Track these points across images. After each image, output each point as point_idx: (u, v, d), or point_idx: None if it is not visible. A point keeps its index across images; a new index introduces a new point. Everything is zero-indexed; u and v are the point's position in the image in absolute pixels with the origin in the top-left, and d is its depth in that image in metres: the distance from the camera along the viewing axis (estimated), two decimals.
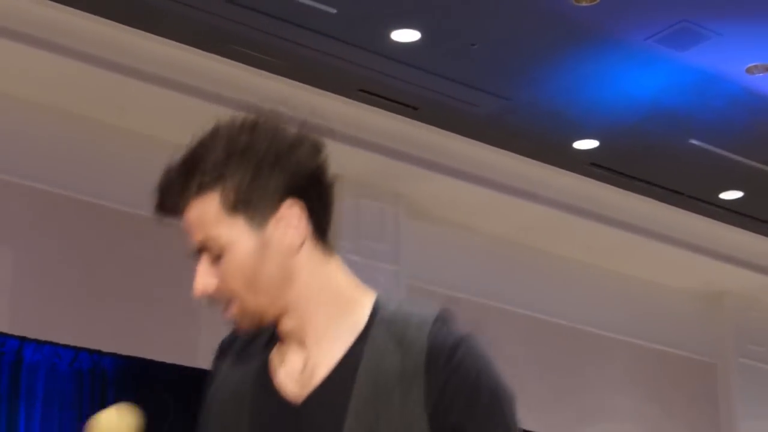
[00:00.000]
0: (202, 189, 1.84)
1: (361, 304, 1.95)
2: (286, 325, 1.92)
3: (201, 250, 1.89)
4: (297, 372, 1.92)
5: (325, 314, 1.92)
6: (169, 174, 1.87)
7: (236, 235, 1.86)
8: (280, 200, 1.86)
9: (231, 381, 1.99)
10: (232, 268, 1.86)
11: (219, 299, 1.91)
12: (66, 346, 6.11)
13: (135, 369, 6.36)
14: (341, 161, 2.00)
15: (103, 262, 6.72)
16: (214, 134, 1.86)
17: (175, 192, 1.86)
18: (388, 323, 1.92)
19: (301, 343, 1.92)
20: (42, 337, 6.04)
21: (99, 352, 6.22)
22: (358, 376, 1.87)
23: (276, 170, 1.85)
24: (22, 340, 5.95)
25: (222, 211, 1.85)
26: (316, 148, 1.90)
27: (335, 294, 1.94)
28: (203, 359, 6.67)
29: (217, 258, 1.87)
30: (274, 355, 1.95)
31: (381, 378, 1.86)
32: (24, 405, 5.86)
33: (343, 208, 7.60)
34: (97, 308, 6.56)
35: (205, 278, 1.90)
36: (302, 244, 1.89)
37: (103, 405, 5.91)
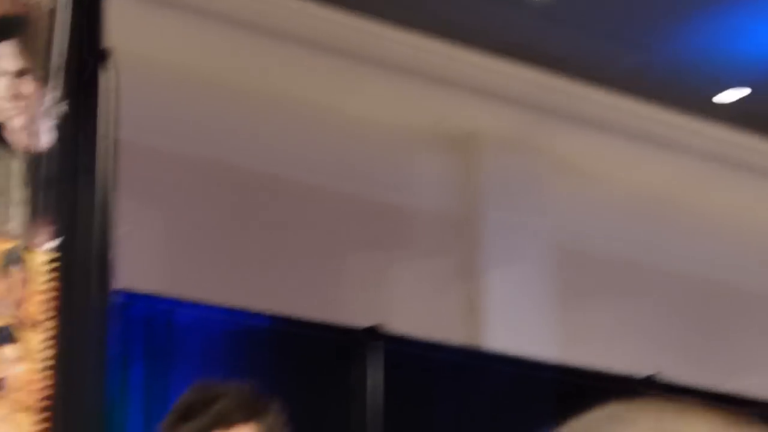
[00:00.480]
0: (255, 415, 2.39)
1: None
2: None
3: None
4: None
5: None
6: (232, 392, 2.39)
7: None
8: None
9: None
10: None
11: None
12: (218, 306, 6.24)
13: (284, 328, 6.47)
14: (485, 118, 2.10)
15: (254, 223, 6.85)
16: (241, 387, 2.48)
17: (226, 412, 2.34)
18: None
19: None
20: (194, 298, 6.18)
21: (250, 312, 6.34)
22: None
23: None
24: (175, 301, 6.09)
25: None
26: None
27: None
28: (351, 317, 6.78)
29: None
30: None
31: None
32: (178, 366, 6.00)
33: (487, 165, 7.61)
34: (248, 269, 6.70)
35: None
36: None
37: (257, 364, 6.06)
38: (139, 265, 5.29)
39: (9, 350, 3.63)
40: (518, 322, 7.60)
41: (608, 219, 8.34)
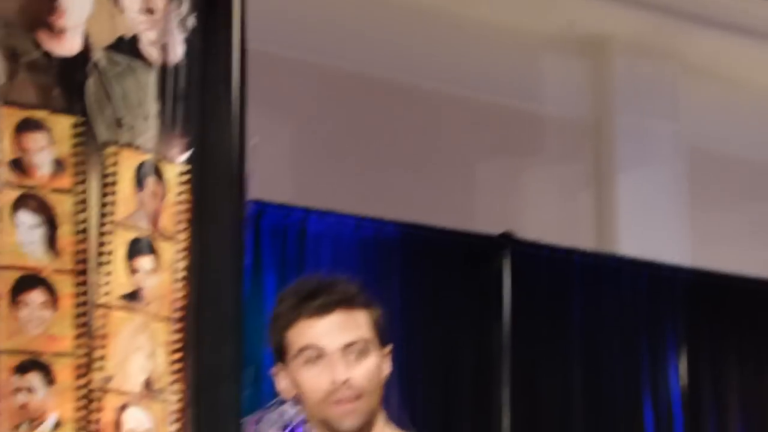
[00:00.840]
0: (363, 303, 2.37)
1: None
2: None
3: (349, 346, 2.33)
4: None
5: None
6: (343, 282, 2.39)
7: (373, 348, 2.35)
8: (386, 342, 2.39)
9: None
10: (371, 369, 2.34)
11: (348, 391, 2.31)
12: (349, 215, 6.28)
13: (417, 235, 6.49)
14: (616, 21, 2.10)
15: (382, 132, 6.86)
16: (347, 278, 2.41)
17: (349, 294, 2.36)
18: None
19: None
20: (325, 207, 6.23)
21: (381, 220, 6.37)
22: None
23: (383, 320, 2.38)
24: (307, 210, 6.14)
25: (371, 325, 2.36)
26: None
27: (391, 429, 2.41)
28: (483, 224, 6.78)
29: (358, 357, 2.33)
30: None
31: None
32: (310, 273, 6.06)
33: (619, 69, 7.50)
34: (378, 177, 6.72)
35: (347, 369, 2.31)
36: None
37: (388, 272, 6.11)
38: (271, 176, 5.34)
39: (146, 261, 3.70)
40: (650, 227, 7.54)
41: (740, 121, 8.18)
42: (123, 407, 3.61)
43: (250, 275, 4.94)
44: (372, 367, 2.34)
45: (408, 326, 6.29)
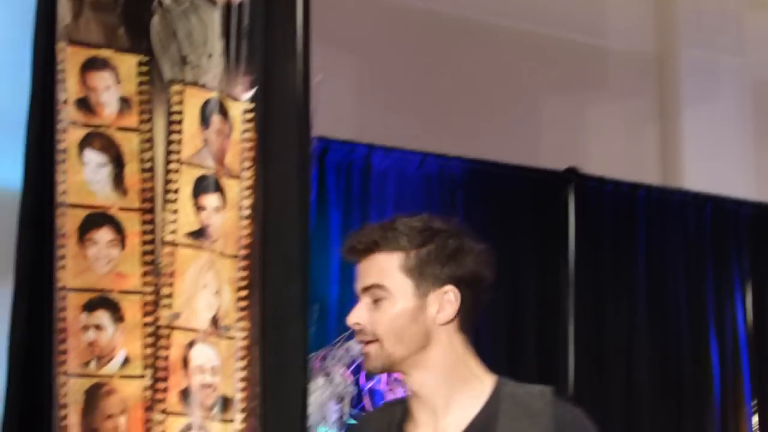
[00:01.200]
0: (390, 248, 2.35)
1: (484, 382, 2.39)
2: (416, 383, 2.37)
3: (367, 290, 2.37)
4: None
5: (453, 385, 2.36)
6: (374, 227, 2.41)
7: (403, 290, 2.33)
8: (443, 284, 2.34)
9: None
10: (388, 315, 2.33)
11: (364, 335, 2.38)
12: (413, 151, 6.27)
13: (481, 171, 6.47)
14: None
15: (447, 67, 6.82)
16: (420, 218, 2.41)
17: (374, 238, 2.37)
18: (513, 396, 2.34)
19: (432, 409, 2.35)
20: (389, 143, 6.21)
21: (446, 156, 6.36)
22: None
23: (451, 261, 2.35)
24: (371, 146, 6.13)
25: (400, 269, 2.34)
26: (483, 260, 2.41)
27: (465, 371, 2.39)
28: (547, 159, 6.75)
29: (376, 302, 2.34)
30: (408, 428, 2.40)
31: None
32: (375, 209, 6.07)
33: (684, 2, 7.39)
34: (442, 113, 6.69)
35: (361, 312, 2.38)
36: (447, 323, 2.36)
37: (453, 208, 6.11)
38: (336, 112, 5.33)
39: (212, 199, 3.72)
40: (714, 161, 7.46)
41: None
42: (190, 344, 3.64)
43: (314, 212, 4.95)
44: (392, 313, 2.35)
45: None
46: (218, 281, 3.69)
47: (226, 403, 3.65)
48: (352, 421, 5.23)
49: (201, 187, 3.70)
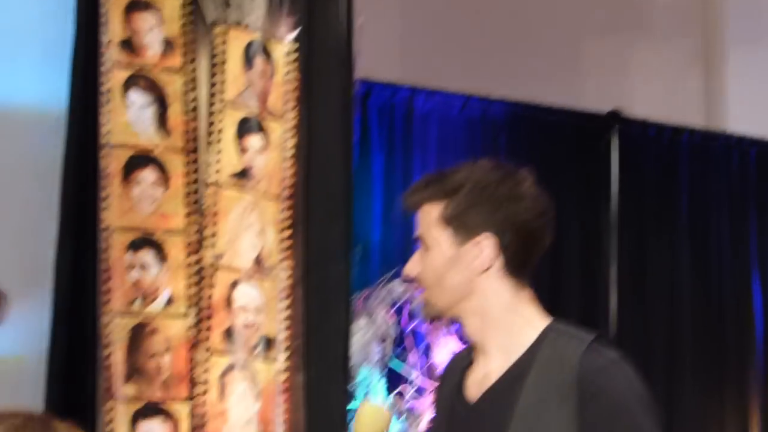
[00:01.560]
0: (434, 198, 2.37)
1: (535, 327, 2.38)
2: (469, 329, 2.39)
3: (416, 241, 2.40)
4: (478, 378, 2.39)
5: (502, 331, 2.37)
6: (426, 177, 2.44)
7: (441, 241, 2.35)
8: (483, 231, 2.33)
9: (443, 395, 2.51)
10: (430, 264, 2.36)
11: (416, 283, 2.41)
12: (456, 94, 6.24)
13: (524, 114, 6.44)
14: None
15: (490, 9, 6.77)
16: (468, 166, 2.42)
17: (419, 194, 2.40)
18: (554, 342, 2.35)
19: (485, 353, 2.38)
20: (432, 86, 6.19)
21: (488, 99, 6.33)
22: (525, 383, 2.31)
23: (493, 208, 2.34)
24: (413, 89, 6.11)
25: (440, 219, 2.36)
26: (535, 206, 2.40)
27: (514, 317, 2.38)
28: (590, 102, 6.71)
29: (424, 251, 2.37)
30: (468, 371, 2.43)
31: (543, 388, 2.29)
32: (417, 151, 6.06)
33: None
34: (485, 55, 6.65)
35: (413, 263, 2.39)
36: (488, 269, 2.36)
37: (495, 151, 6.07)
38: (379, 54, 5.30)
39: (255, 140, 3.73)
40: (759, 104, 7.39)
41: None
42: (234, 284, 3.66)
43: (357, 154, 4.95)
44: (434, 263, 2.37)
45: None
46: (261, 222, 3.71)
47: (269, 342, 3.68)
48: (396, 361, 5.27)
49: (244, 128, 3.71)
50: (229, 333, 3.63)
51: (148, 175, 3.60)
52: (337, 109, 3.88)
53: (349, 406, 3.92)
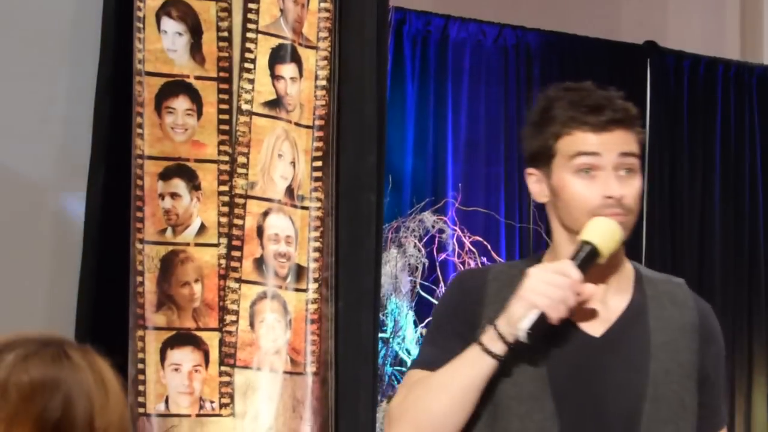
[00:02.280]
0: (637, 124, 2.32)
1: (630, 267, 2.39)
2: (616, 258, 2.31)
3: (622, 165, 2.28)
4: (591, 312, 2.28)
5: (621, 266, 2.36)
6: (617, 100, 2.32)
7: (639, 169, 2.31)
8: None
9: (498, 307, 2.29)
10: (636, 188, 2.29)
11: (620, 209, 2.27)
12: (490, 23, 6.20)
13: (558, 44, 6.40)
14: None
15: None
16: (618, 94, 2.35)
17: (631, 112, 2.31)
18: (651, 281, 2.36)
19: (604, 287, 2.31)
20: (467, 15, 6.15)
21: (523, 28, 6.28)
22: (650, 320, 2.30)
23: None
24: (447, 18, 6.07)
25: (639, 146, 2.31)
26: None
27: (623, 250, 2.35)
28: (626, 33, 6.65)
29: (628, 174, 2.28)
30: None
31: (667, 326, 2.31)
32: (451, 81, 6.03)
33: None
34: None
35: (621, 187, 2.27)
36: None
37: (529, 81, 6.04)
38: None
39: (288, 69, 3.70)
40: None
41: None
42: (266, 213, 3.66)
43: (390, 83, 4.93)
44: (639, 187, 2.30)
45: None
46: (293, 151, 3.69)
47: (299, 272, 3.68)
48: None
49: (278, 56, 3.69)
50: (259, 262, 3.63)
51: (181, 103, 3.59)
52: (371, 38, 3.84)
53: (378, 336, 3.94)
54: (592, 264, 2.22)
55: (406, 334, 5.17)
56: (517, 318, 2.18)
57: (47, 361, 1.42)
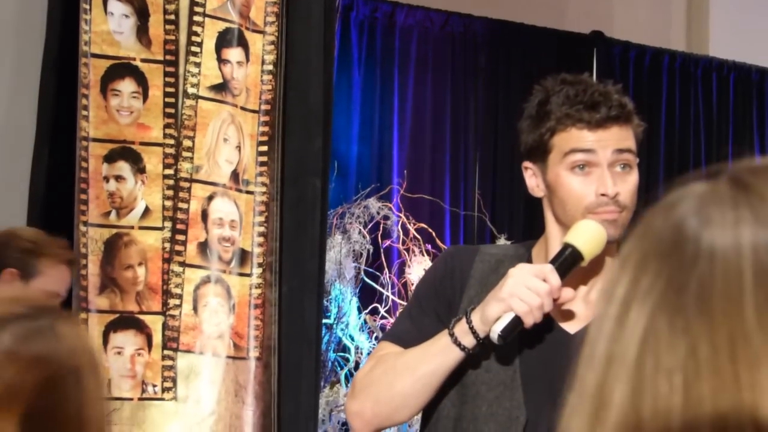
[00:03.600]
0: (633, 119, 2.30)
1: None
2: (608, 252, 2.26)
3: (618, 162, 2.27)
4: (568, 307, 2.28)
5: (609, 262, 2.30)
6: (617, 94, 2.29)
7: (635, 165, 2.30)
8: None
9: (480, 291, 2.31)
10: (632, 184, 2.28)
11: (615, 206, 2.26)
12: (437, 10, 6.21)
13: (505, 32, 6.42)
14: None
15: None
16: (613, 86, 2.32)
17: (626, 110, 2.29)
18: None
19: (587, 283, 2.31)
20: (414, 2, 6.15)
21: (470, 16, 6.30)
22: None
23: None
24: (395, 4, 6.08)
25: (635, 140, 2.30)
26: None
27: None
28: (572, 22, 6.68)
29: (627, 170, 2.28)
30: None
31: None
32: (397, 68, 6.03)
33: None
34: None
35: (616, 184, 2.26)
36: None
37: (475, 69, 6.03)
38: None
39: (235, 53, 3.70)
40: (741, 29, 7.38)
41: None
42: (210, 197, 3.65)
43: (337, 69, 4.92)
44: (635, 183, 2.28)
45: (493, 123, 6.29)
46: (239, 135, 3.69)
47: (243, 256, 3.68)
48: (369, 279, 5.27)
49: (224, 40, 3.68)
50: (204, 246, 3.63)
51: (127, 86, 3.57)
52: (318, 24, 3.84)
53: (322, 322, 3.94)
54: (574, 267, 2.23)
55: (349, 320, 5.18)
56: (492, 318, 2.19)
57: (40, 341, 1.32)
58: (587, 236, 2.22)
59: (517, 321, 2.17)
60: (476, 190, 6.06)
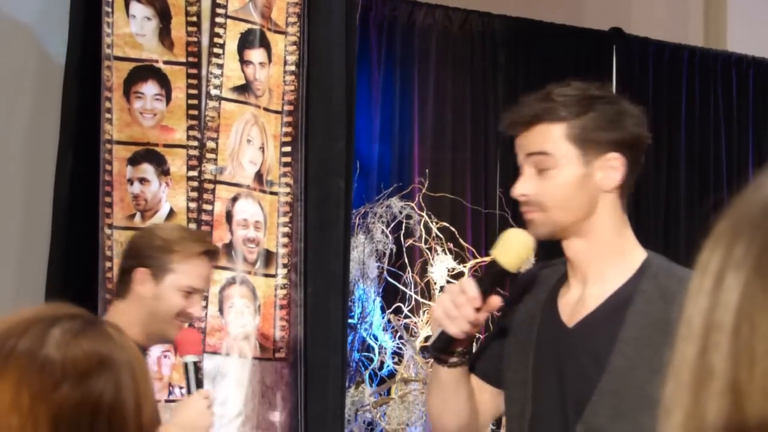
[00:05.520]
0: (553, 117, 2.29)
1: (634, 258, 2.37)
2: (572, 251, 2.34)
3: (531, 156, 2.31)
4: (571, 300, 2.35)
5: (607, 256, 2.35)
6: (532, 99, 2.31)
7: (568, 159, 2.29)
8: (608, 150, 2.30)
9: (527, 306, 2.42)
10: (554, 183, 2.29)
11: (529, 205, 2.31)
12: (456, 9, 6.20)
13: (524, 30, 6.41)
14: None
15: None
16: (576, 86, 2.33)
17: (534, 110, 2.30)
18: (656, 277, 2.34)
19: (583, 278, 2.34)
20: (433, 1, 6.15)
21: (489, 15, 6.29)
22: (627, 315, 2.30)
23: (612, 126, 2.30)
24: (413, 4, 6.07)
25: (564, 138, 2.29)
26: (642, 122, 2.35)
27: (620, 243, 2.37)
28: (591, 19, 6.67)
29: (541, 171, 2.30)
30: (561, 290, 2.38)
31: (645, 321, 2.29)
32: (417, 68, 6.02)
33: None
34: None
35: (526, 183, 2.30)
36: (612, 190, 2.32)
37: (495, 67, 6.01)
38: None
39: (257, 54, 3.70)
40: (760, 24, 7.36)
41: None
42: (235, 198, 3.66)
43: (359, 67, 4.92)
44: (557, 182, 2.29)
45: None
46: (263, 136, 3.70)
47: (268, 257, 3.68)
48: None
49: (246, 41, 3.68)
50: (228, 248, 3.63)
51: (150, 88, 3.58)
52: (339, 24, 3.84)
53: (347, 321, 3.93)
54: (504, 277, 2.32)
55: (373, 320, 5.17)
56: (433, 333, 2.31)
57: (97, 338, 1.31)
58: (508, 249, 2.29)
59: (443, 332, 2.27)
60: (497, 188, 6.04)
